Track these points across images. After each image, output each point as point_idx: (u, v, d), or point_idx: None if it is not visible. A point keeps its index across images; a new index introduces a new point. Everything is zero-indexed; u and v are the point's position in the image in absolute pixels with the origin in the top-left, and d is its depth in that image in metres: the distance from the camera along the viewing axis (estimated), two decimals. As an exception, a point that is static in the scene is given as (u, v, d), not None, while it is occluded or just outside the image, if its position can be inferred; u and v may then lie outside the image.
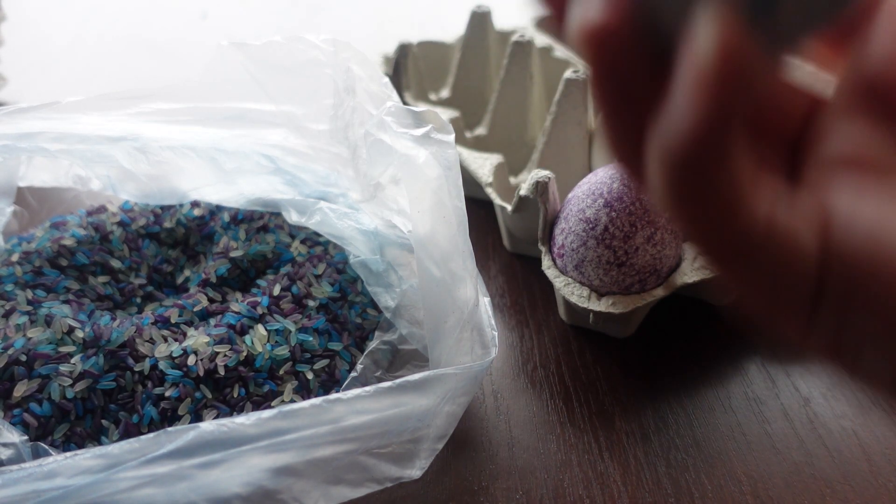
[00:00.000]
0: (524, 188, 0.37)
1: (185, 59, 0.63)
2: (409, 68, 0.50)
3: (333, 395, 0.26)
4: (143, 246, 0.38)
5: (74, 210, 0.40)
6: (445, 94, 0.52)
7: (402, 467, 0.27)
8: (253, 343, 0.32)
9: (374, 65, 0.35)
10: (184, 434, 0.24)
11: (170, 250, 0.38)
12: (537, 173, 0.36)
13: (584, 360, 0.36)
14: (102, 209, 0.39)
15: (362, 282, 0.34)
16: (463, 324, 0.29)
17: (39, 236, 0.37)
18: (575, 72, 0.41)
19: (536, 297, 0.40)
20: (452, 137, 0.31)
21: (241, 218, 0.38)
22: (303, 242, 0.37)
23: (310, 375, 0.32)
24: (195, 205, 0.39)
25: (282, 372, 0.31)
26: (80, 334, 0.31)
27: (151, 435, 0.24)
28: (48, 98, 0.33)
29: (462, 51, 0.50)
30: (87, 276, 0.36)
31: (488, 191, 0.41)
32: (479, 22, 0.50)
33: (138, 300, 0.36)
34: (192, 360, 0.31)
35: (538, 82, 0.48)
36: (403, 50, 0.50)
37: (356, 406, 0.26)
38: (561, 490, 0.30)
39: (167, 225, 0.38)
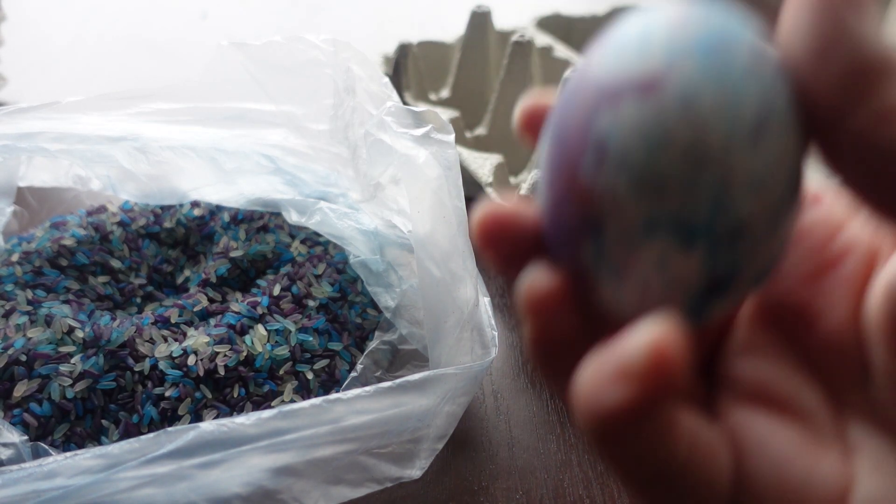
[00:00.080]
0: (524, 188, 0.37)
1: (185, 59, 0.63)
2: (409, 68, 0.50)
3: (333, 395, 0.26)
4: (143, 246, 0.38)
5: (74, 210, 0.40)
6: (445, 94, 0.52)
7: (402, 467, 0.27)
8: (253, 343, 0.32)
9: (374, 65, 0.35)
10: (184, 434, 0.24)
11: (170, 250, 0.38)
12: (537, 173, 0.36)
13: (584, 360, 0.36)
14: (102, 209, 0.39)
15: (362, 282, 0.34)
16: (463, 324, 0.29)
17: (39, 236, 0.37)
18: (575, 72, 0.41)
19: (536, 297, 0.40)
20: (452, 137, 0.31)
21: (241, 218, 0.38)
22: (303, 242, 0.37)
23: (310, 375, 0.32)
24: (195, 205, 0.39)
25: (282, 372, 0.31)
26: (80, 334, 0.31)
27: (151, 435, 0.24)
28: (48, 98, 0.33)
29: (462, 51, 0.50)
30: (87, 276, 0.36)
31: (488, 191, 0.41)
32: (479, 22, 0.50)
33: (138, 300, 0.36)
34: (192, 360, 0.31)
35: (538, 82, 0.48)
36: (403, 50, 0.50)
37: (356, 406, 0.26)
38: (561, 490, 0.30)
39: (167, 225, 0.38)
